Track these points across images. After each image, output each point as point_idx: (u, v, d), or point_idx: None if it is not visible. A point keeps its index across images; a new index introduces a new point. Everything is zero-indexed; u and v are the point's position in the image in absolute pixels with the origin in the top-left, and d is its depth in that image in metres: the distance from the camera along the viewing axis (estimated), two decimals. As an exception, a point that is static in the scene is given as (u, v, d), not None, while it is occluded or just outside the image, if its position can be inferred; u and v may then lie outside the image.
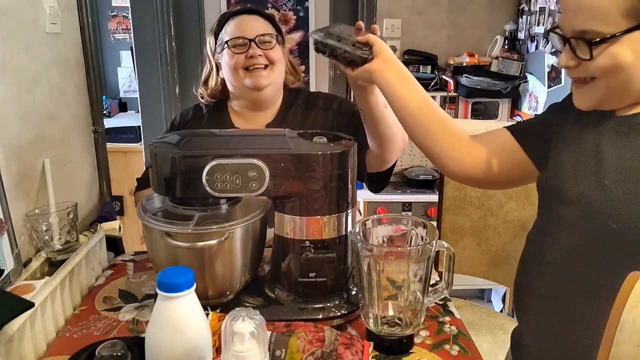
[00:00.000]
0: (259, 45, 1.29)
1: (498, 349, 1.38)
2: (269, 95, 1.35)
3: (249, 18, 1.33)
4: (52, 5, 1.19)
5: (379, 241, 0.96)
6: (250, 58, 1.29)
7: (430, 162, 1.07)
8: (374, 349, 0.91)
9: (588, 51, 0.79)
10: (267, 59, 1.30)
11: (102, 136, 1.45)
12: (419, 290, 0.89)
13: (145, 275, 1.20)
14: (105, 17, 3.34)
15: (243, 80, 1.31)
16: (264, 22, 1.34)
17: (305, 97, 1.42)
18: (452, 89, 2.60)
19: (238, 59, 1.30)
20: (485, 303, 2.86)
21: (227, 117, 1.40)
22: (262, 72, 1.30)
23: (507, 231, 1.50)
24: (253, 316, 0.67)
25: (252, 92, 1.32)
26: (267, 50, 1.30)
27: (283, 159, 0.91)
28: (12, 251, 0.98)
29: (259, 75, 1.30)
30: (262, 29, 1.32)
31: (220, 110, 1.41)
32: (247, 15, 1.34)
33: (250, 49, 1.29)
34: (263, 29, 1.31)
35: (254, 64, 1.29)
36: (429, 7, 2.70)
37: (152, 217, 0.97)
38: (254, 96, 1.33)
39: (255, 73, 1.30)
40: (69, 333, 0.98)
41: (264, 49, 1.30)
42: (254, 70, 1.30)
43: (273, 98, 1.38)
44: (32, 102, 1.12)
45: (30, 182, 1.10)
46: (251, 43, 1.29)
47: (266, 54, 1.30)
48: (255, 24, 1.32)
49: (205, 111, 1.42)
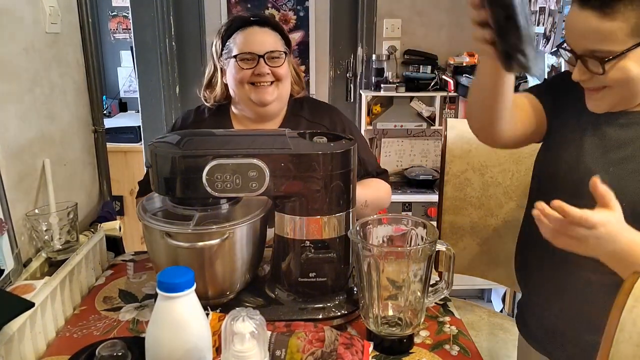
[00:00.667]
0: (267, 61, 1.28)
1: (498, 349, 1.38)
2: (274, 110, 1.35)
3: (259, 31, 1.31)
4: (52, 5, 1.19)
5: (379, 241, 0.96)
6: (258, 75, 1.28)
7: (482, 129, 1.07)
8: (374, 349, 0.91)
9: (600, 67, 0.86)
10: (274, 75, 1.30)
11: (102, 136, 1.45)
12: (419, 290, 0.89)
13: (145, 275, 1.20)
14: (105, 17, 3.34)
15: (249, 95, 1.31)
16: (274, 36, 1.32)
17: (311, 109, 1.42)
18: (452, 88, 2.60)
19: (245, 73, 1.29)
20: (485, 303, 2.86)
21: (228, 122, 1.39)
22: (267, 89, 1.30)
23: (507, 231, 1.50)
24: (253, 316, 0.67)
25: (257, 107, 1.32)
26: (275, 68, 1.29)
27: (283, 158, 0.91)
28: (12, 251, 0.98)
29: (265, 91, 1.30)
30: (272, 44, 1.30)
31: (222, 115, 1.40)
32: (258, 27, 1.31)
33: (258, 66, 1.28)
34: (273, 45, 1.30)
35: (261, 80, 1.29)
36: (429, 7, 2.70)
37: (152, 217, 0.97)
38: (258, 110, 1.33)
39: (261, 89, 1.29)
40: (69, 333, 0.98)
41: (272, 66, 1.29)
42: (260, 86, 1.30)
43: (278, 111, 1.38)
44: (32, 102, 1.12)
45: (30, 182, 1.10)
46: (260, 59, 1.28)
47: (273, 71, 1.29)
48: (265, 38, 1.30)
49: (207, 114, 1.41)
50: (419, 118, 2.70)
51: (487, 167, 1.51)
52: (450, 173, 1.56)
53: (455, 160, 1.54)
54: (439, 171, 1.61)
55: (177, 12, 2.75)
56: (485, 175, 1.52)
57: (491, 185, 1.51)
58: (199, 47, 2.82)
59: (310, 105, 1.43)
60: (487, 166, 1.51)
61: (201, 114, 1.42)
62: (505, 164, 1.49)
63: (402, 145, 2.84)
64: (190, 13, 2.77)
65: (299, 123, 1.38)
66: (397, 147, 2.83)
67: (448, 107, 2.69)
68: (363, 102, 2.67)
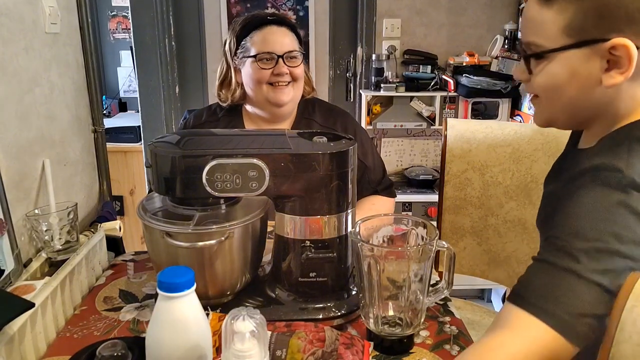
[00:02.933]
0: (286, 61, 1.28)
1: (498, 349, 1.38)
2: (288, 110, 1.36)
3: (277, 31, 1.30)
4: (52, 5, 1.19)
5: (379, 241, 0.96)
6: (277, 75, 1.28)
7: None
8: (374, 349, 0.91)
9: (527, 65, 0.78)
10: (292, 75, 1.30)
11: (102, 136, 1.45)
12: (419, 290, 0.89)
13: (145, 275, 1.20)
14: (105, 17, 3.34)
15: (266, 95, 1.31)
16: (291, 36, 1.32)
17: (323, 112, 1.42)
18: (452, 88, 2.60)
19: (264, 73, 1.29)
20: (485, 303, 2.86)
21: (241, 122, 1.40)
22: (284, 89, 1.30)
23: (507, 231, 1.50)
24: (253, 315, 0.67)
25: (273, 107, 1.33)
26: (293, 68, 1.30)
27: (283, 158, 0.91)
28: (12, 251, 0.98)
29: (282, 91, 1.30)
30: (290, 44, 1.30)
31: (234, 115, 1.41)
32: (275, 27, 1.31)
33: (277, 66, 1.28)
34: (291, 45, 1.30)
35: (279, 80, 1.29)
36: (429, 7, 2.70)
37: (152, 217, 0.97)
38: (274, 110, 1.34)
39: (279, 90, 1.30)
40: (70, 333, 0.98)
41: (290, 66, 1.29)
42: (277, 86, 1.30)
43: (291, 112, 1.39)
44: (32, 102, 1.12)
45: (30, 182, 1.10)
46: (279, 59, 1.28)
47: (291, 71, 1.30)
48: (283, 38, 1.30)
49: (220, 114, 1.41)
50: (419, 118, 2.70)
51: (487, 167, 1.51)
52: (451, 173, 1.57)
53: (455, 160, 1.54)
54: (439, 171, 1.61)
55: (177, 12, 2.75)
56: (486, 175, 1.52)
57: (491, 185, 1.51)
58: (199, 47, 2.82)
59: (322, 109, 1.44)
60: (487, 166, 1.51)
61: (214, 113, 1.42)
62: (506, 163, 1.49)
63: (402, 145, 2.84)
64: (190, 13, 2.77)
65: (310, 126, 1.39)
66: (397, 147, 2.83)
67: (448, 107, 2.69)
68: (363, 101, 2.67)
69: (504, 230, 1.51)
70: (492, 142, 1.51)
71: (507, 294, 2.65)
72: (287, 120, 1.39)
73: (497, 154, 1.50)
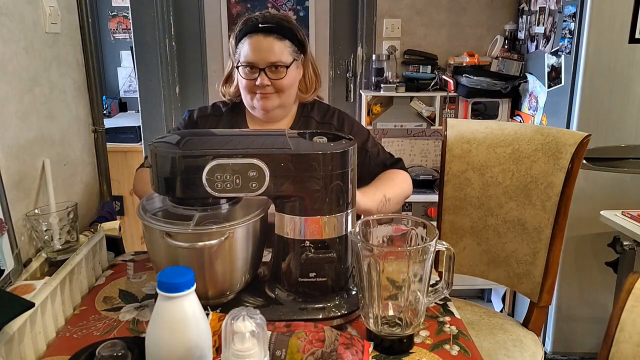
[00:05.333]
0: (269, 73, 1.27)
1: (498, 349, 1.38)
2: (278, 115, 1.37)
3: (264, 41, 1.26)
4: (52, 5, 1.19)
5: (379, 241, 0.96)
6: (259, 86, 1.28)
7: None
8: (374, 349, 0.91)
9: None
10: (275, 87, 1.29)
11: (102, 136, 1.45)
12: (419, 290, 0.89)
13: (145, 275, 1.20)
14: (105, 17, 3.34)
15: (251, 102, 1.33)
16: (279, 45, 1.27)
17: (321, 111, 1.42)
18: (452, 88, 2.60)
19: (248, 82, 1.29)
20: (485, 303, 2.86)
21: (243, 119, 1.40)
22: (269, 97, 1.30)
23: (506, 231, 1.50)
24: (253, 315, 0.67)
25: (261, 111, 1.34)
26: (276, 80, 1.28)
27: (283, 158, 0.91)
28: (12, 251, 0.98)
29: (267, 99, 1.30)
30: (276, 55, 1.26)
31: (237, 112, 1.42)
32: (262, 36, 1.27)
33: (259, 77, 1.27)
34: (276, 56, 1.26)
35: (262, 91, 1.29)
36: (429, 7, 2.70)
37: (152, 217, 0.97)
38: (263, 115, 1.35)
39: (263, 97, 1.30)
40: (69, 333, 0.98)
41: (273, 78, 1.28)
42: (262, 94, 1.30)
43: (284, 114, 1.39)
44: (32, 102, 1.12)
45: (30, 182, 1.10)
46: (261, 72, 1.27)
47: (274, 83, 1.28)
48: (269, 49, 1.26)
49: (223, 110, 1.42)
50: (419, 118, 2.70)
51: (487, 167, 1.52)
52: (450, 173, 1.57)
53: (455, 160, 1.54)
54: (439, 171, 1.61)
55: (177, 12, 2.75)
56: (485, 175, 1.52)
57: (491, 185, 1.51)
58: (199, 47, 2.82)
59: (321, 107, 1.44)
60: (487, 166, 1.51)
61: (218, 109, 1.43)
62: (505, 164, 1.49)
63: (402, 145, 2.84)
64: (190, 13, 2.77)
65: (309, 124, 1.39)
66: (397, 147, 2.83)
67: (448, 107, 2.69)
68: (363, 102, 2.67)
69: (504, 231, 1.51)
70: (492, 142, 1.51)
71: (507, 294, 2.65)
72: (285, 119, 1.40)
73: (497, 154, 1.50)
